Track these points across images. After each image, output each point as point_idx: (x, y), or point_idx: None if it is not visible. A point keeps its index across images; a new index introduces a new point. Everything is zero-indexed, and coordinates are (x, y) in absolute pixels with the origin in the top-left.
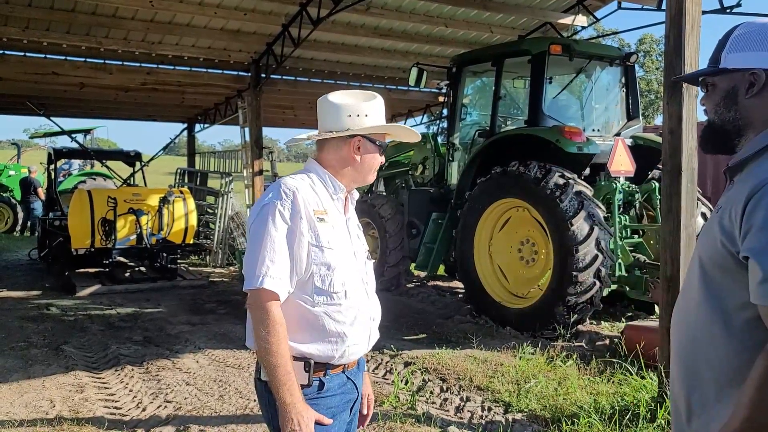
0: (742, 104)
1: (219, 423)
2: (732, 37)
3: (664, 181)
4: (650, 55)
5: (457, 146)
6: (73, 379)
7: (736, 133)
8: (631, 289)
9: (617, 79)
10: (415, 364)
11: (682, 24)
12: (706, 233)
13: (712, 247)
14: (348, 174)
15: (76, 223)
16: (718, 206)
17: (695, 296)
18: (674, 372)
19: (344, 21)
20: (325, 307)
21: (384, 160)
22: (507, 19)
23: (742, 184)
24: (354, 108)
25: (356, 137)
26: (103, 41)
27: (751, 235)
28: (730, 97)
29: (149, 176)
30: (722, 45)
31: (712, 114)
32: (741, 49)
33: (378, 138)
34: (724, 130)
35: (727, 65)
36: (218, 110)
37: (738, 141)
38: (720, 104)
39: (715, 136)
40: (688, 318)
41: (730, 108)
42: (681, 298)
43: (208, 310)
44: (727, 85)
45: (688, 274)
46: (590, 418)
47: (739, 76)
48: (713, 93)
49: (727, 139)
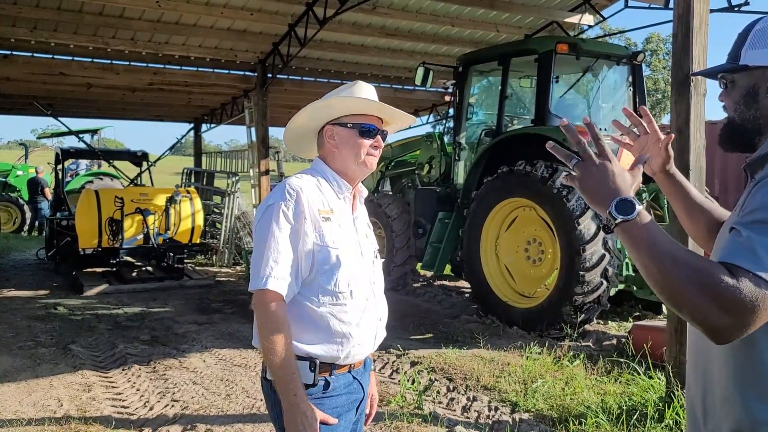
0: (763, 103)
1: (226, 422)
2: (753, 32)
3: None
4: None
5: (463, 145)
6: (80, 378)
7: (756, 132)
8: (639, 289)
9: (624, 78)
10: (421, 364)
11: (690, 22)
12: (723, 232)
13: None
14: (339, 165)
15: (84, 223)
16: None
17: None
18: (690, 374)
19: (350, 21)
20: (330, 307)
21: (381, 143)
22: (513, 18)
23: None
24: (324, 101)
25: (326, 126)
26: (110, 41)
27: (743, 213)
28: (750, 95)
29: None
30: (742, 40)
31: (732, 111)
32: (763, 45)
33: (351, 120)
34: (744, 128)
35: (747, 62)
36: (225, 110)
37: (759, 139)
38: (740, 102)
39: (735, 134)
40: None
41: (750, 106)
42: None
43: (215, 309)
44: (748, 83)
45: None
46: (598, 418)
47: (760, 74)
48: (733, 90)
49: (747, 138)
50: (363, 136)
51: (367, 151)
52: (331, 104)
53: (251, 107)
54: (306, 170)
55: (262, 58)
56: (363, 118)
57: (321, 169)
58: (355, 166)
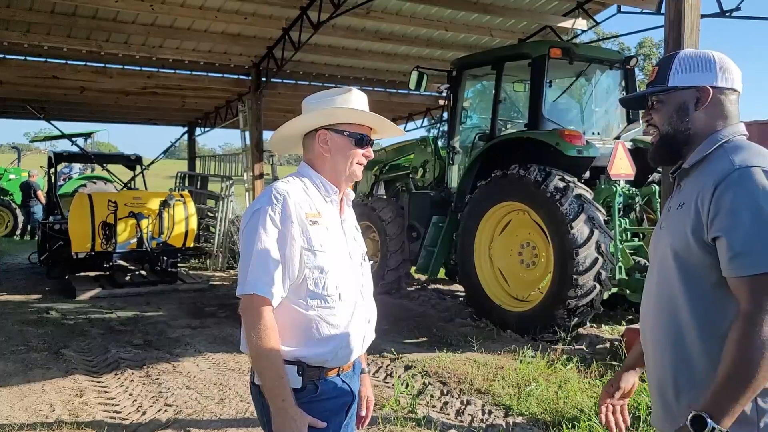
0: (693, 116)
1: (219, 426)
2: (677, 60)
3: (665, 184)
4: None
5: (457, 149)
6: (72, 383)
7: (685, 142)
8: (632, 293)
9: (617, 82)
10: (415, 368)
11: (681, 28)
12: (674, 227)
13: (684, 239)
14: (328, 170)
15: (77, 227)
16: (678, 204)
17: (675, 286)
18: (656, 356)
19: (345, 25)
20: (318, 310)
21: (371, 153)
22: (507, 23)
23: (696, 181)
24: (320, 103)
25: (320, 131)
26: (103, 45)
27: (719, 217)
28: (682, 110)
29: (150, 180)
30: (667, 68)
31: (665, 125)
32: (687, 70)
33: (348, 128)
34: (677, 139)
35: (677, 83)
36: (219, 114)
37: (686, 149)
38: (673, 116)
39: (668, 146)
40: (670, 306)
41: (682, 119)
42: (656, 291)
43: (209, 313)
44: (677, 101)
45: (658, 270)
46: (591, 422)
47: (689, 93)
48: (662, 108)
49: (679, 148)
50: (357, 146)
51: (358, 159)
52: (336, 112)
53: (245, 111)
54: (292, 174)
55: (256, 62)
56: (357, 127)
57: (308, 173)
58: (345, 174)
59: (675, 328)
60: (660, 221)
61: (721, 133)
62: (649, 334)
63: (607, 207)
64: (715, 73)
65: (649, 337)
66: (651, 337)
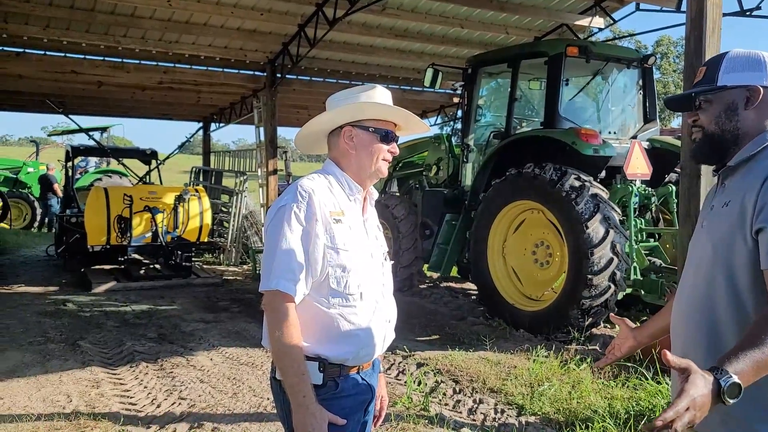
0: (742, 115)
1: (232, 421)
2: (726, 59)
3: (683, 184)
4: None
5: (471, 147)
6: (89, 374)
7: (734, 141)
8: (647, 293)
9: (634, 81)
10: (427, 365)
11: (703, 26)
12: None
13: (727, 237)
14: (353, 168)
15: (93, 220)
16: (723, 202)
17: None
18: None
19: (360, 21)
20: (340, 308)
21: (396, 150)
22: (523, 21)
23: (743, 179)
24: (343, 100)
25: (346, 127)
26: (121, 40)
27: (765, 210)
28: (731, 109)
29: (165, 174)
30: (716, 67)
31: (712, 125)
32: (737, 70)
33: (373, 125)
34: (724, 139)
35: (726, 83)
36: (233, 110)
37: (734, 149)
38: (721, 116)
39: (716, 145)
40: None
41: (731, 119)
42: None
43: (222, 308)
44: (727, 100)
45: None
46: (605, 423)
47: (738, 92)
48: (709, 108)
49: (726, 147)
50: (382, 141)
51: (383, 156)
52: (362, 107)
53: (260, 107)
54: (317, 171)
55: (271, 58)
56: (383, 124)
57: (333, 170)
58: (370, 170)
59: (711, 327)
60: (700, 220)
61: None
62: (681, 332)
63: (622, 207)
64: (765, 73)
65: (682, 335)
66: (683, 334)
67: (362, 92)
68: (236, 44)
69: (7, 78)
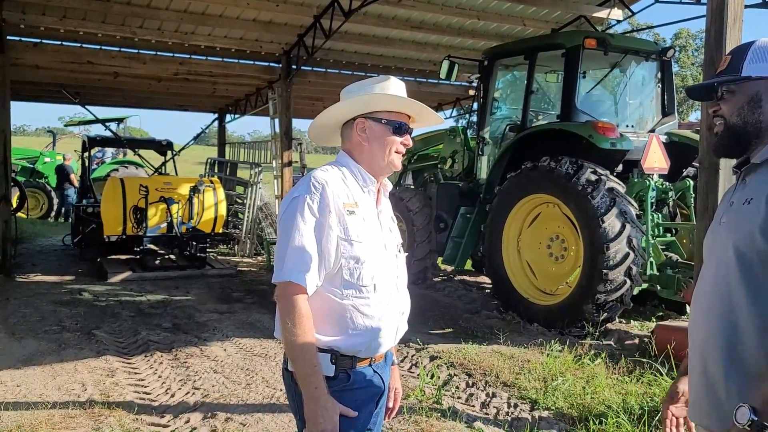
0: (766, 108)
1: (245, 411)
2: (752, 49)
3: (701, 178)
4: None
5: (487, 140)
6: (104, 363)
7: (755, 135)
8: (663, 289)
9: (653, 74)
10: (441, 359)
11: (724, 18)
12: (737, 224)
13: (750, 236)
14: (366, 159)
15: (109, 211)
16: (745, 199)
17: (733, 283)
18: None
19: (376, 13)
20: (353, 300)
21: (410, 142)
22: (540, 12)
23: (765, 177)
24: (356, 91)
25: (358, 119)
26: (137, 31)
27: None
28: (755, 101)
29: (180, 165)
30: (741, 57)
31: (734, 117)
32: (762, 60)
33: (386, 116)
34: (747, 131)
35: (750, 73)
36: (249, 101)
37: (755, 143)
38: (744, 107)
39: (735, 138)
40: (725, 303)
41: (754, 111)
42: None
43: (236, 299)
44: (751, 91)
45: (716, 267)
46: (618, 418)
47: (763, 84)
48: (732, 98)
49: (747, 140)
50: (395, 133)
51: (396, 147)
52: (375, 99)
53: (275, 98)
54: (331, 163)
55: (287, 50)
56: (395, 115)
57: (346, 162)
58: (383, 162)
59: (730, 330)
60: (719, 216)
61: None
62: (698, 330)
63: (639, 201)
64: None
65: (700, 336)
66: (702, 335)
67: (376, 83)
68: (252, 35)
69: (24, 68)
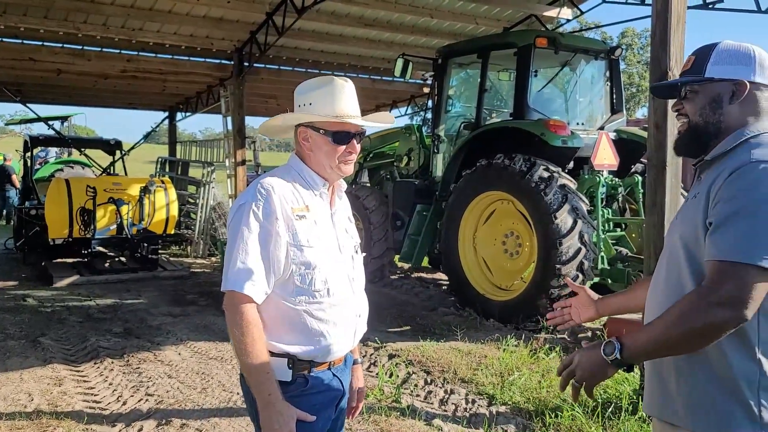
0: (726, 109)
1: (202, 416)
2: (716, 51)
3: (649, 174)
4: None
5: (442, 138)
6: (51, 372)
7: (715, 135)
8: (614, 282)
9: (602, 72)
10: (399, 357)
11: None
12: (684, 218)
13: (693, 229)
14: (315, 165)
15: (54, 213)
16: (694, 194)
17: (682, 275)
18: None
19: (329, 10)
20: (306, 305)
21: (356, 149)
22: (492, 11)
23: (715, 173)
24: (302, 97)
25: (300, 128)
26: (81, 27)
27: (719, 204)
28: (716, 102)
29: (130, 165)
30: (705, 58)
31: (696, 116)
32: (725, 62)
33: (325, 126)
34: (706, 131)
35: (713, 75)
36: (200, 99)
37: (714, 142)
38: (705, 108)
39: (697, 137)
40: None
41: (715, 111)
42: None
43: (190, 301)
44: (713, 92)
45: (668, 259)
46: (573, 411)
47: (724, 85)
48: (695, 98)
49: (706, 140)
50: (336, 143)
51: (340, 157)
52: (304, 114)
53: (227, 96)
54: (281, 167)
55: (239, 47)
56: (338, 125)
57: (297, 165)
58: (329, 170)
59: None
60: (678, 211)
61: (748, 128)
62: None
63: (590, 197)
64: (753, 68)
65: None
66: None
67: (317, 89)
68: (202, 32)
69: None
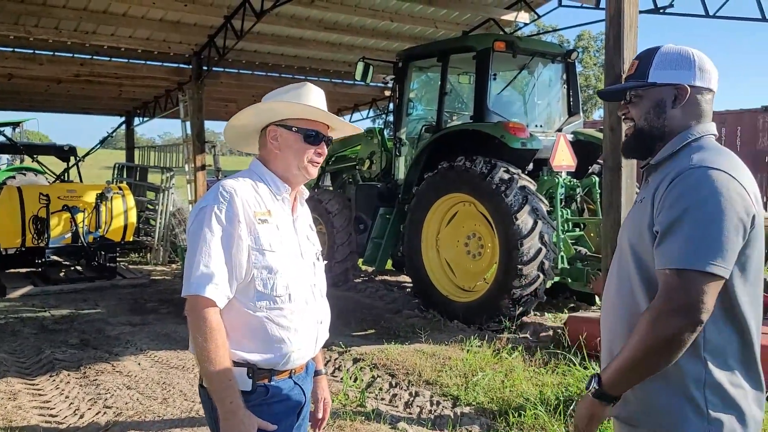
0: (669, 113)
1: (163, 427)
2: (657, 56)
3: (605, 176)
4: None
5: (404, 141)
6: (4, 386)
7: (660, 138)
8: (573, 281)
9: (559, 75)
10: (364, 361)
11: (621, 23)
12: (632, 221)
13: (638, 232)
14: (279, 167)
15: (5, 222)
16: (641, 198)
17: (631, 277)
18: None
19: (288, 13)
20: (267, 312)
21: (325, 151)
22: (451, 15)
23: (660, 177)
24: (272, 98)
25: (270, 126)
26: (32, 30)
27: (663, 211)
28: (659, 106)
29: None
30: (647, 63)
31: (641, 120)
32: (667, 67)
33: (297, 124)
34: (653, 135)
35: (656, 80)
36: (158, 103)
37: (660, 145)
38: (650, 112)
39: (642, 141)
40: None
41: (659, 116)
42: (616, 280)
43: (150, 309)
44: (656, 97)
45: (618, 260)
46: (536, 410)
47: (667, 90)
48: (640, 103)
49: (652, 143)
50: (307, 142)
51: (309, 157)
52: (278, 107)
53: (186, 100)
54: (243, 172)
55: (197, 51)
56: (309, 123)
57: (259, 170)
58: (296, 171)
59: (631, 319)
60: (627, 214)
61: (690, 131)
62: (607, 323)
63: (549, 198)
64: (694, 72)
65: (607, 325)
66: (609, 324)
67: (290, 91)
68: (159, 36)
69: None
